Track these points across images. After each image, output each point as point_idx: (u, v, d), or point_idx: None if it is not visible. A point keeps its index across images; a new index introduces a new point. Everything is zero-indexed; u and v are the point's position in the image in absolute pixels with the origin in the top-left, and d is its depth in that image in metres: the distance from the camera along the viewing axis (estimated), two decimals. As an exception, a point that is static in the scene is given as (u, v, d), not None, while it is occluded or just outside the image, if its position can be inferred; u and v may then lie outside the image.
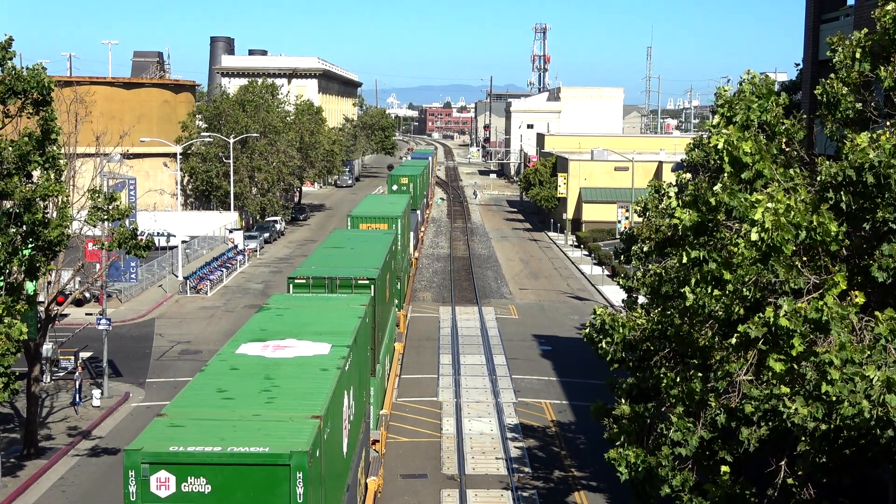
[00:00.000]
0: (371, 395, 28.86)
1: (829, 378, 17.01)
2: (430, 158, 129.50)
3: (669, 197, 23.46)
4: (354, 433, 23.17)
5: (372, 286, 31.38)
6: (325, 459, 17.31)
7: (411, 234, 63.41)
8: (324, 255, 37.03)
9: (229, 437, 15.91)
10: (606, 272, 72.10)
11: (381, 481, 29.27)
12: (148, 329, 53.90)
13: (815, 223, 17.94)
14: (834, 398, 16.96)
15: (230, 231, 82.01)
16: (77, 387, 38.90)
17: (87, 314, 51.80)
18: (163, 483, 15.39)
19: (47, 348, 40.12)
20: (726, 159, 19.19)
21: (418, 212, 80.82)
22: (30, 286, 32.40)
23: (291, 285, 32.25)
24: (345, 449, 20.90)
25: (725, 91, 21.82)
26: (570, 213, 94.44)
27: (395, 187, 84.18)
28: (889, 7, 20.11)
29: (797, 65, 36.32)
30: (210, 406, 17.66)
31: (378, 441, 30.46)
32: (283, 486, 15.37)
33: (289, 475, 15.32)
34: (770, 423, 18.92)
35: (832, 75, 21.24)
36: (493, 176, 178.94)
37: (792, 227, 17.75)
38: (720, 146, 19.21)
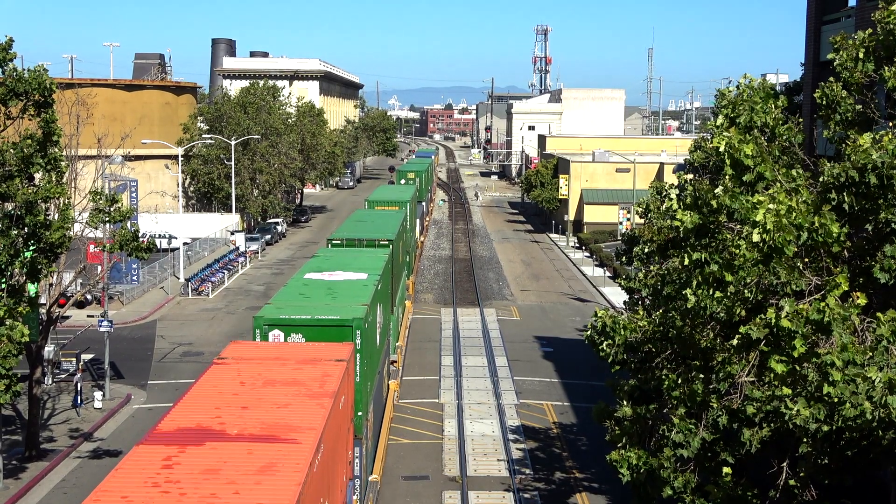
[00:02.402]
0: (390, 328, 36.73)
1: (830, 379, 17.00)
2: (432, 157, 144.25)
3: (671, 199, 23.43)
4: (382, 338, 32.13)
5: (390, 245, 40.48)
6: (369, 332, 26.34)
7: (417, 220, 73.26)
8: (351, 225, 48.31)
9: (313, 312, 25.80)
10: (608, 274, 72.08)
11: (397, 386, 39.96)
12: (149, 331, 53.90)
13: (816, 224, 17.92)
14: (836, 399, 16.95)
15: (231, 233, 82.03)
16: (77, 389, 38.86)
17: (88, 316, 51.82)
18: (276, 337, 24.86)
19: (49, 350, 40.12)
20: (728, 162, 19.16)
21: (423, 203, 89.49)
22: (31, 288, 32.39)
23: (330, 244, 42.61)
24: (377, 342, 29.66)
25: (728, 92, 21.77)
26: (571, 215, 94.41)
27: (402, 181, 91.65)
28: (893, 7, 20.08)
29: (802, 64, 36.21)
30: (297, 300, 27.57)
31: (396, 361, 39.79)
32: (348, 338, 24.62)
33: (352, 332, 24.84)
34: (772, 425, 18.91)
35: (831, 78, 21.21)
36: (494, 177, 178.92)
37: (793, 228, 17.73)
38: (722, 149, 19.19)
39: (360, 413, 24.86)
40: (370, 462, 27.63)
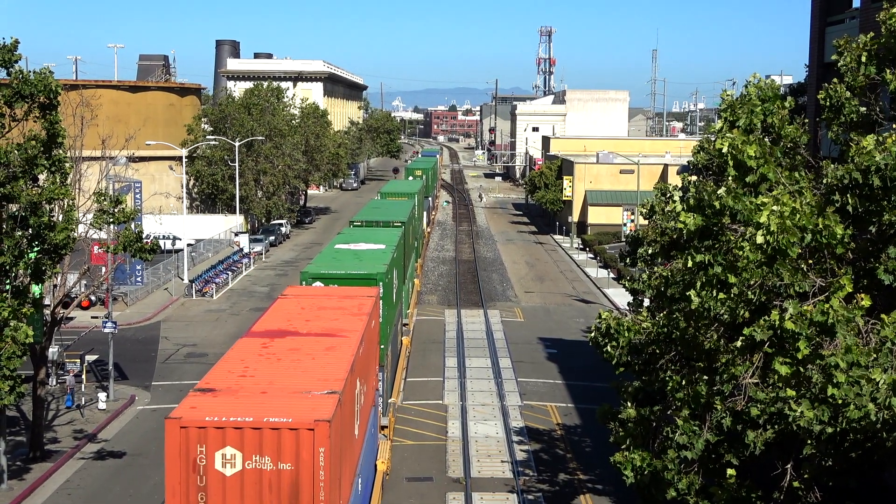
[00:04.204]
0: (403, 295, 42.47)
1: (834, 381, 16.98)
2: (437, 156, 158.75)
3: (674, 200, 23.41)
4: (398, 297, 38.58)
5: (403, 226, 46.91)
6: (388, 286, 33.04)
7: (424, 212, 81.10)
8: (369, 211, 56.36)
9: (346, 268, 33.15)
10: (612, 275, 72.04)
11: (409, 343, 46.23)
12: (153, 332, 53.95)
13: (820, 226, 17.91)
14: (840, 401, 16.93)
15: (235, 234, 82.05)
16: (70, 390, 38.77)
17: (92, 317, 51.88)
18: (318, 286, 31.51)
19: (53, 351, 40.15)
20: (730, 163, 19.15)
21: (429, 198, 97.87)
22: (36, 289, 32.43)
23: (352, 225, 49.66)
24: (394, 298, 35.87)
25: (729, 95, 21.78)
26: (575, 216, 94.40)
27: (410, 177, 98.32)
28: (895, 10, 20.08)
29: (807, 66, 36.19)
30: (331, 261, 34.90)
31: (407, 323, 46.35)
32: (373, 287, 30.57)
33: (376, 282, 31.36)
34: (776, 426, 18.88)
35: (835, 80, 21.20)
36: (498, 179, 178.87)
37: (797, 229, 17.72)
38: (725, 150, 19.18)
39: (382, 346, 31.48)
40: (389, 389, 34.61)
